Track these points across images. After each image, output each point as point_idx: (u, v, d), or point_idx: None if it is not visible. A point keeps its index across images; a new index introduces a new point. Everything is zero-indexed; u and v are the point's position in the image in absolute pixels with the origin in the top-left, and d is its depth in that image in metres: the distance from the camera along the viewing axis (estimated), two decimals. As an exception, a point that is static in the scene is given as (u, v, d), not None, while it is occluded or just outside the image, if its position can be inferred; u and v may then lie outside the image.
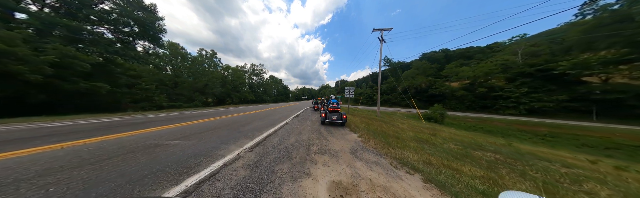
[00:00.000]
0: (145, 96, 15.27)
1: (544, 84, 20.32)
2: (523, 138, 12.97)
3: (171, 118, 5.93)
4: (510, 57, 24.15)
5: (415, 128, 7.21)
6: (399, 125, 8.40)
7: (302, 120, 6.64)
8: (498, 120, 17.11)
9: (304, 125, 5.38)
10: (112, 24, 10.93)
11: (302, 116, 8.46)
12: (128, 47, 12.66)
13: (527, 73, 21.24)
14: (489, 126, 16.00)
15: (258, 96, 45.43)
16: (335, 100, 6.50)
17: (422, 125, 9.06)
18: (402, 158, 2.52)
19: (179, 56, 24.57)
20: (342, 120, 5.82)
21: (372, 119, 9.52)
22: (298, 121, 6.13)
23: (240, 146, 2.76)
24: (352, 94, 12.10)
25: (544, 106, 19.19)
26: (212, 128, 4.27)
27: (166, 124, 4.59)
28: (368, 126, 6.20)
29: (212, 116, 6.70)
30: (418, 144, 3.97)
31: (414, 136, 5.11)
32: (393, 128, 6.56)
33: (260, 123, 5.40)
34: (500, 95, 22.82)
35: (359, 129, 5.23)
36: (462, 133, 7.63)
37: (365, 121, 7.83)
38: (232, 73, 37.82)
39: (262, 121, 5.70)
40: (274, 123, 5.55)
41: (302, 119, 7.06)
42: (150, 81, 18.25)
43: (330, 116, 5.95)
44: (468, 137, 6.30)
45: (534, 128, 14.24)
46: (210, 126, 4.43)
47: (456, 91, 27.93)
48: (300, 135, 3.79)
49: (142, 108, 14.31)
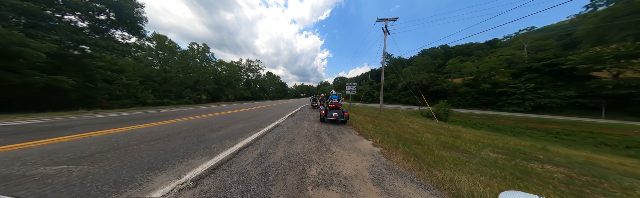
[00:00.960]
0: (127, 92, 13.89)
1: (551, 80, 19.56)
2: (535, 136, 12.26)
3: (129, 118, 4.69)
4: (517, 52, 23.19)
5: (430, 129, 6.23)
6: (408, 124, 7.43)
7: (298, 120, 5.57)
8: (505, 117, 16.38)
9: (300, 127, 4.31)
10: (78, 9, 9.37)
11: (299, 115, 7.38)
12: (102, 36, 11.17)
13: (534, 68, 20.40)
14: (496, 124, 15.28)
15: (255, 93, 44.02)
16: (336, 96, 5.43)
17: (434, 124, 8.10)
18: (458, 187, 1.49)
19: (167, 49, 22.85)
20: (343, 118, 4.85)
21: (377, 117, 8.53)
22: (293, 122, 5.07)
23: (180, 174, 1.56)
24: (354, 90, 11.00)
25: (551, 102, 18.52)
26: (165, 135, 2.95)
27: (105, 128, 3.35)
28: (377, 127, 5.19)
29: (185, 115, 5.51)
30: (450, 153, 2.96)
31: (436, 140, 4.11)
32: (405, 128, 5.56)
33: (240, 125, 4.14)
34: (504, 91, 22.09)
35: (369, 131, 4.19)
36: (482, 134, 6.70)
37: (370, 121, 6.81)
38: (227, 69, 36.14)
39: (245, 123, 4.43)
40: (260, 125, 4.33)
41: (298, 119, 5.99)
42: (135, 76, 16.80)
43: (331, 113, 4.96)
44: (495, 139, 5.36)
45: (545, 126, 13.54)
46: (164, 133, 3.13)
47: (459, 87, 27.09)
48: (293, 145, 2.71)
49: (123, 105, 13.00)
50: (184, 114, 5.81)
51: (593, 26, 17.32)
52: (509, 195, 0.58)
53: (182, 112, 6.56)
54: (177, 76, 22.39)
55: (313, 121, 5.53)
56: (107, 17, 10.86)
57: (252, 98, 40.79)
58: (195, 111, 6.89)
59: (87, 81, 10.73)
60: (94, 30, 11.09)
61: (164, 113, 6.01)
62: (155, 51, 21.87)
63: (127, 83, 14.05)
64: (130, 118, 4.87)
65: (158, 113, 5.95)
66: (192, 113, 6.37)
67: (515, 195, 0.58)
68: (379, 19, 12.26)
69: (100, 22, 10.85)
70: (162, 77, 20.32)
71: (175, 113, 6.09)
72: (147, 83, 17.98)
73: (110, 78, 13.65)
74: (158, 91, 19.92)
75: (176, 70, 23.81)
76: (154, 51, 21.67)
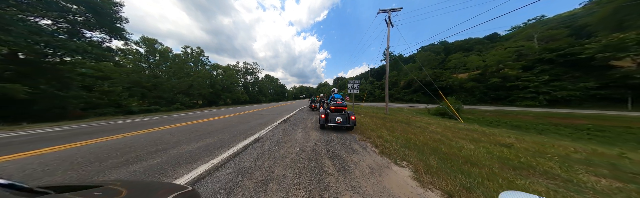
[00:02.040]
0: (108, 100, 12.74)
1: (566, 71, 18.22)
2: (563, 133, 10.90)
3: (56, 136, 3.41)
4: (526, 43, 21.90)
5: (458, 133, 4.96)
6: (426, 126, 6.16)
7: (290, 129, 4.32)
8: (522, 113, 15.02)
9: (290, 143, 3.02)
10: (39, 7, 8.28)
11: (294, 120, 6.14)
12: (75, 39, 10.06)
13: (547, 59, 19.07)
14: (515, 121, 13.91)
15: (253, 96, 42.93)
16: (338, 95, 4.22)
17: (455, 125, 6.81)
18: None
19: (158, 53, 21.83)
20: (349, 123, 3.62)
21: (385, 119, 7.27)
22: (282, 133, 3.79)
23: None
24: (357, 88, 9.77)
25: (569, 95, 17.15)
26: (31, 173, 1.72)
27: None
28: (393, 133, 3.95)
29: (141, 127, 4.28)
30: (533, 179, 1.71)
31: (487, 153, 2.86)
32: (430, 134, 4.30)
33: (197, 145, 2.74)
34: (516, 85, 20.73)
35: (389, 144, 2.95)
36: (537, 140, 5.38)
37: (381, 124, 5.57)
38: (223, 72, 35.13)
39: (208, 140, 3.03)
40: (230, 141, 2.94)
41: (291, 126, 4.75)
42: (122, 82, 15.71)
43: (333, 117, 3.74)
44: (550, 145, 4.07)
45: (570, 121, 12.18)
46: (42, 168, 1.83)
47: (465, 82, 25.77)
48: (266, 193, 1.44)
49: (103, 114, 11.83)
50: (144, 126, 4.56)
51: (609, 12, 16.06)
52: (509, 195, 0.57)
53: (144, 122, 5.26)
54: (168, 81, 21.30)
55: (310, 128, 4.29)
56: (74, 17, 9.76)
57: (250, 101, 39.67)
58: (160, 121, 5.53)
59: (59, 89, 9.59)
60: (68, 32, 10.00)
61: (117, 126, 4.67)
62: (144, 55, 20.84)
63: (108, 89, 12.90)
64: (60, 135, 3.62)
65: (108, 126, 4.61)
66: (154, 123, 5.02)
67: (515, 195, 0.57)
68: (381, 10, 11.07)
69: (71, 22, 9.76)
70: (152, 82, 19.22)
71: (132, 125, 4.81)
72: (135, 89, 16.86)
73: (90, 85, 12.54)
74: (148, 97, 18.81)
75: (168, 75, 22.76)
76: (143, 55, 20.62)
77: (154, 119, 6.03)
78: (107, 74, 14.51)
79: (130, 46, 18.85)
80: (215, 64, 34.34)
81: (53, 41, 8.24)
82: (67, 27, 9.92)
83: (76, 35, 10.39)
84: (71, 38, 9.97)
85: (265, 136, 3.38)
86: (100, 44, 11.75)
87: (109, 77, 14.66)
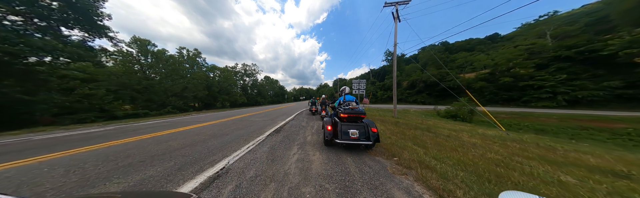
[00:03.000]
0: (89, 104, 11.58)
1: (586, 69, 16.91)
2: (599, 139, 9.54)
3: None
4: (538, 41, 20.71)
5: (514, 149, 3.69)
6: (453, 134, 4.91)
7: (282, 145, 3.06)
8: (543, 115, 13.67)
9: (275, 180, 1.69)
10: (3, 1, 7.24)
11: (290, 128, 4.89)
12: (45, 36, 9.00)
13: (564, 57, 17.81)
14: (537, 124, 12.58)
15: (251, 99, 41.80)
16: (352, 97, 2.98)
17: (496, 134, 5.51)
18: None
19: (151, 54, 20.84)
20: (370, 139, 2.39)
21: (397, 124, 6.01)
22: (267, 156, 2.38)
23: None
24: (363, 89, 8.53)
25: (591, 94, 15.79)
26: None
27: None
28: (427, 149, 2.72)
29: (45, 150, 2.87)
30: None
31: (608, 195, 1.57)
32: (481, 152, 3.04)
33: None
34: (530, 85, 19.41)
35: (446, 179, 1.68)
36: (573, 147, 4.08)
37: (399, 131, 4.39)
38: (220, 74, 34.14)
39: (123, 179, 1.70)
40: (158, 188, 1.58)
41: (285, 139, 3.50)
42: (108, 84, 14.61)
43: (345, 129, 2.49)
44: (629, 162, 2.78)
45: (603, 124, 10.82)
46: None
47: (473, 82, 24.49)
48: None
49: (81, 120, 10.65)
50: (63, 144, 3.24)
51: (632, 4, 14.90)
52: (509, 195, 0.57)
53: (78, 137, 3.89)
54: (160, 83, 20.22)
55: (310, 144, 3.04)
56: (47, 13, 8.73)
57: (248, 103, 38.52)
58: (104, 135, 4.15)
59: (25, 93, 8.45)
60: (40, 29, 8.95)
61: (25, 144, 3.35)
62: (136, 56, 19.83)
63: (90, 92, 11.76)
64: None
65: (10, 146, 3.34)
66: (87, 139, 3.64)
67: (515, 195, 0.56)
68: (387, 4, 9.93)
69: (42, 16, 8.71)
70: (142, 85, 18.11)
71: (52, 142, 3.48)
72: (123, 92, 15.72)
73: (71, 88, 11.42)
74: (138, 100, 17.67)
75: (160, 77, 21.72)
76: (134, 56, 19.61)
77: (99, 132, 4.64)
78: (93, 76, 13.42)
79: (120, 47, 17.86)
80: (212, 66, 33.36)
81: (12, 36, 7.15)
82: (41, 24, 8.87)
83: (55, 33, 9.34)
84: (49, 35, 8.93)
85: (235, 167, 2.04)
86: (81, 43, 10.71)
87: (96, 79, 13.57)
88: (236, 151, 2.63)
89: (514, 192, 0.58)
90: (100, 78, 13.72)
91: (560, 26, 20.64)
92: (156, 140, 3.44)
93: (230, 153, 2.57)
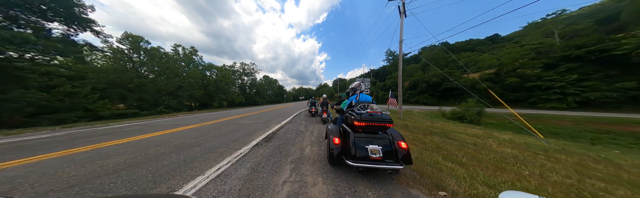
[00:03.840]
0: (71, 103, 10.72)
1: (597, 69, 16.23)
2: (621, 144, 8.83)
3: None
4: (545, 40, 20.04)
5: (570, 163, 2.93)
6: (485, 143, 4.15)
7: (270, 163, 2.25)
8: (555, 117, 12.97)
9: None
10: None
11: (285, 135, 4.10)
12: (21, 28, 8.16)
13: (574, 57, 17.14)
14: (551, 127, 11.84)
15: (249, 98, 40.94)
16: (368, 97, 2.19)
17: (533, 143, 4.76)
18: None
19: (142, 51, 19.96)
20: (399, 162, 1.55)
21: (406, 127, 5.24)
22: (240, 190, 1.52)
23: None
24: (367, 89, 7.75)
25: (603, 96, 15.11)
26: None
27: None
28: (465, 165, 1.95)
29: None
30: None
31: None
32: (539, 171, 2.27)
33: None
34: (537, 85, 18.73)
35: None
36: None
37: (414, 138, 3.58)
38: (217, 73, 33.26)
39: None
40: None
41: (276, 152, 2.70)
42: (99, 82, 13.75)
43: (364, 144, 1.65)
44: None
45: (623, 128, 10.11)
46: None
47: (478, 83, 23.76)
48: None
49: (61, 120, 9.81)
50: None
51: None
52: (509, 195, 0.56)
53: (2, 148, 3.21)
54: (153, 82, 19.35)
55: (310, 161, 2.26)
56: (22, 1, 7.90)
57: (246, 103, 37.68)
58: (42, 143, 3.35)
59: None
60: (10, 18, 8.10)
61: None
62: (128, 53, 18.94)
63: (72, 91, 10.90)
64: None
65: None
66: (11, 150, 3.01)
67: (515, 195, 0.56)
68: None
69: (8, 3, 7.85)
70: (134, 83, 17.24)
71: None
72: (112, 91, 14.86)
73: (49, 86, 10.55)
74: (129, 99, 16.80)
75: (154, 75, 20.84)
76: (126, 53, 18.72)
77: (30, 140, 3.67)
78: (80, 74, 12.55)
79: (110, 43, 17.00)
80: (209, 64, 32.47)
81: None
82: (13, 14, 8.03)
83: (35, 26, 8.47)
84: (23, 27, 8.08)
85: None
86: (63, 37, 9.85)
87: (83, 77, 12.70)
88: (194, 179, 1.75)
89: (514, 192, 0.57)
90: (88, 75, 12.87)
91: (569, 24, 19.98)
92: (101, 153, 2.61)
93: (184, 183, 1.69)
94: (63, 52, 9.35)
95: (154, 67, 20.91)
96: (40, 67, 10.23)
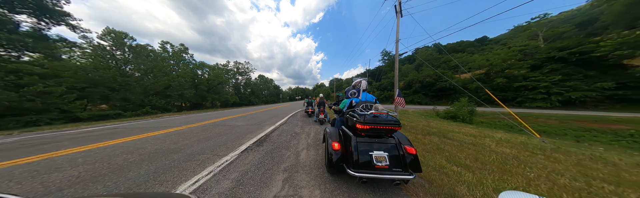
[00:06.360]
0: (42, 104, 9.82)
1: (578, 70, 17.12)
2: (603, 141, 9.28)
3: None
4: (531, 42, 20.92)
5: (571, 163, 2.89)
6: (483, 143, 4.10)
7: (258, 174, 2.01)
8: (542, 116, 13.51)
9: None
10: None
11: (279, 138, 3.85)
12: None
13: (558, 58, 17.99)
14: (538, 125, 12.31)
15: (244, 98, 39.98)
16: (371, 96, 2.00)
17: (529, 141, 4.78)
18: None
19: (126, 48, 18.83)
20: (409, 171, 1.37)
21: (403, 126, 5.15)
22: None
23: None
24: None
25: (584, 95, 15.96)
26: None
27: None
28: (469, 167, 1.82)
29: None
30: None
31: None
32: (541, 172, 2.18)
33: None
34: (524, 85, 19.51)
35: None
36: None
37: (413, 139, 3.46)
38: (210, 72, 32.15)
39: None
40: None
41: (267, 158, 2.45)
42: (77, 81, 12.73)
43: (367, 150, 1.47)
44: None
45: (605, 126, 10.65)
46: None
47: (469, 83, 24.47)
48: None
49: (31, 122, 8.96)
50: None
51: (622, 7, 15.17)
52: (509, 195, 0.56)
53: None
54: (139, 81, 18.31)
55: (305, 169, 2.03)
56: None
57: (241, 103, 36.75)
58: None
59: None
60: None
61: None
62: (109, 50, 17.77)
63: (44, 90, 9.99)
64: None
65: None
66: None
67: (515, 195, 0.56)
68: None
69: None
70: (118, 82, 16.20)
71: None
72: (92, 90, 13.85)
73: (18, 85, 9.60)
74: (112, 99, 15.76)
75: (139, 74, 19.75)
76: (106, 49, 17.55)
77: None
78: (55, 72, 11.54)
79: (90, 38, 15.87)
80: (200, 63, 31.28)
81: None
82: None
83: (2, 21, 7.60)
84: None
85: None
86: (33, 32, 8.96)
87: (59, 75, 11.68)
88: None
89: (514, 192, 0.57)
90: (64, 74, 11.87)
91: (552, 27, 20.98)
92: (30, 172, 2.14)
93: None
94: (33, 47, 8.50)
95: (139, 65, 19.78)
96: (6, 65, 9.29)
